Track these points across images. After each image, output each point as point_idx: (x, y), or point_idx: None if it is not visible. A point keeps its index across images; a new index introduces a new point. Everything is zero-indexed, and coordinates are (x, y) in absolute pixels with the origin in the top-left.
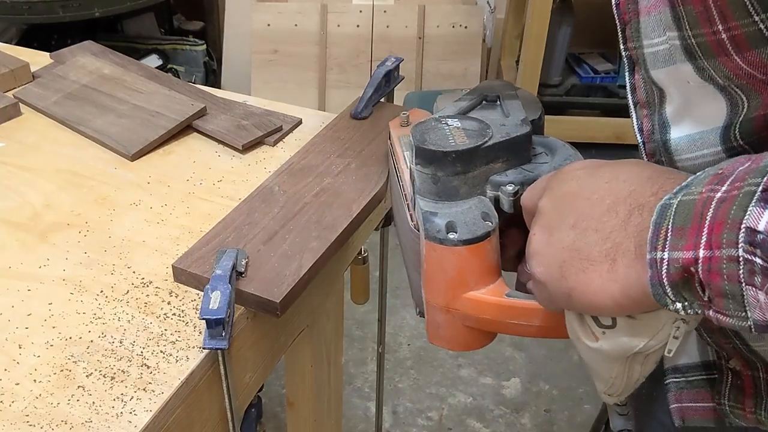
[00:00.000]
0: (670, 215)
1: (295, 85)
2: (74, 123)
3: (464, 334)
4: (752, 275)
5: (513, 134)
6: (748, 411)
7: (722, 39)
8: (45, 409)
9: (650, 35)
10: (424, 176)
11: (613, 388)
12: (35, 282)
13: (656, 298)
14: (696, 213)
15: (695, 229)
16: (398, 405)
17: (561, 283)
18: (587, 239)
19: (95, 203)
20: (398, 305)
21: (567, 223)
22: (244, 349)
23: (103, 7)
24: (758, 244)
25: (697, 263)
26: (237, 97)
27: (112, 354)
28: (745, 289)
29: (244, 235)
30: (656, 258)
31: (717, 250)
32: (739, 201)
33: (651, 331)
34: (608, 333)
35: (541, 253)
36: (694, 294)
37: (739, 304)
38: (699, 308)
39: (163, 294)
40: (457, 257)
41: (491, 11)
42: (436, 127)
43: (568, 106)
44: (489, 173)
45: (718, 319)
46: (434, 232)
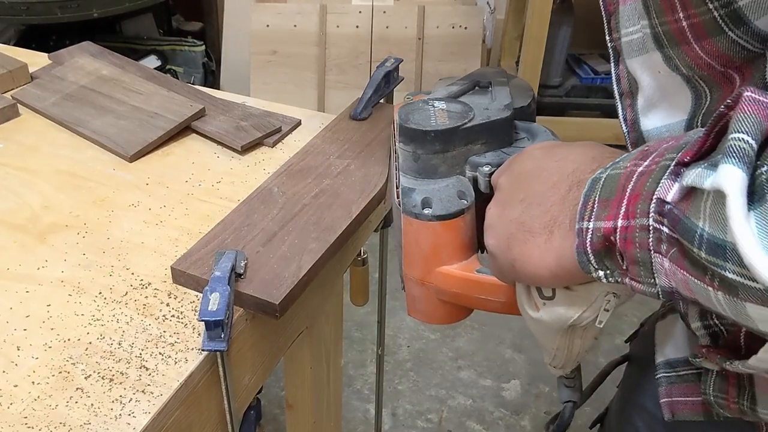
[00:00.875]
0: (598, 188)
1: (294, 86)
2: (73, 124)
3: (439, 308)
4: (659, 243)
5: (493, 117)
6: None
7: (683, 27)
8: (43, 411)
9: (626, 24)
10: (405, 153)
11: (556, 359)
12: (33, 283)
13: (581, 266)
14: (619, 186)
15: (617, 200)
16: (398, 407)
17: (507, 254)
18: (531, 213)
19: (94, 204)
20: (398, 307)
21: (517, 197)
22: (243, 351)
23: (102, 8)
24: (666, 213)
25: (616, 232)
26: (236, 98)
27: (110, 356)
28: (653, 256)
29: (243, 236)
30: (582, 228)
31: (632, 219)
32: (654, 174)
33: (585, 303)
34: (548, 304)
35: (493, 226)
36: (615, 263)
37: (648, 271)
38: (619, 276)
39: (161, 295)
40: (431, 232)
41: (491, 12)
42: (422, 108)
43: (569, 107)
44: (468, 154)
45: (632, 287)
46: (410, 207)
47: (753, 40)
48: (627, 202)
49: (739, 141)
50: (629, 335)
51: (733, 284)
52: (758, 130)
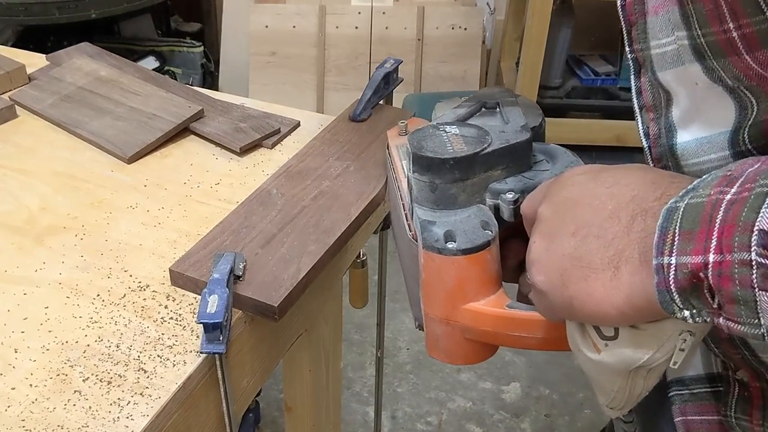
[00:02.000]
0: (677, 219)
1: (293, 87)
2: (70, 125)
3: (464, 347)
4: (766, 280)
5: (512, 141)
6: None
7: (733, 38)
8: (41, 414)
9: (657, 35)
10: (421, 184)
11: (615, 401)
12: (31, 286)
13: (663, 305)
14: (705, 216)
15: (704, 232)
16: (397, 410)
17: (562, 291)
18: (589, 246)
19: (92, 206)
20: (397, 309)
21: (567, 229)
22: (242, 354)
23: (100, 9)
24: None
25: (707, 268)
26: (235, 99)
27: (108, 358)
28: (759, 294)
29: (241, 238)
30: (663, 263)
31: (728, 254)
32: (750, 203)
33: (656, 343)
34: (611, 344)
35: (541, 261)
36: (703, 301)
37: (751, 311)
38: (708, 316)
39: (160, 298)
40: (456, 267)
41: (491, 13)
42: (433, 134)
43: (569, 108)
44: (488, 181)
45: (728, 327)
46: (432, 242)
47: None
48: (719, 234)
49: None
50: None
51: None
52: None
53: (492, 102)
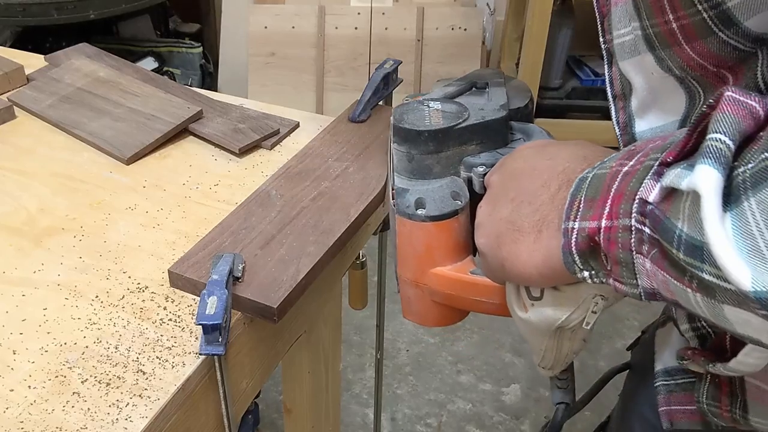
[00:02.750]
0: (585, 188)
1: (292, 88)
2: (69, 126)
3: (433, 310)
4: (641, 244)
5: (488, 118)
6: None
7: (673, 29)
8: (40, 415)
9: (617, 26)
10: (400, 154)
11: (545, 360)
12: (30, 287)
13: (566, 266)
14: (605, 185)
15: (602, 200)
16: (397, 411)
17: (496, 253)
18: (521, 211)
19: (90, 207)
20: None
21: (508, 196)
22: (241, 355)
23: (98, 9)
24: (647, 214)
25: (600, 232)
26: (234, 100)
27: (107, 360)
28: (635, 257)
29: (240, 239)
30: (568, 228)
31: (615, 219)
32: (638, 174)
33: (572, 305)
34: (536, 305)
35: (483, 224)
36: (600, 263)
37: (630, 272)
38: (604, 277)
39: (159, 299)
40: (424, 233)
41: (491, 13)
42: (417, 108)
43: (569, 109)
44: (463, 154)
45: (616, 287)
46: (404, 208)
47: (744, 40)
48: (611, 202)
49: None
50: (630, 343)
51: (710, 286)
52: (736, 131)
53: (482, 82)
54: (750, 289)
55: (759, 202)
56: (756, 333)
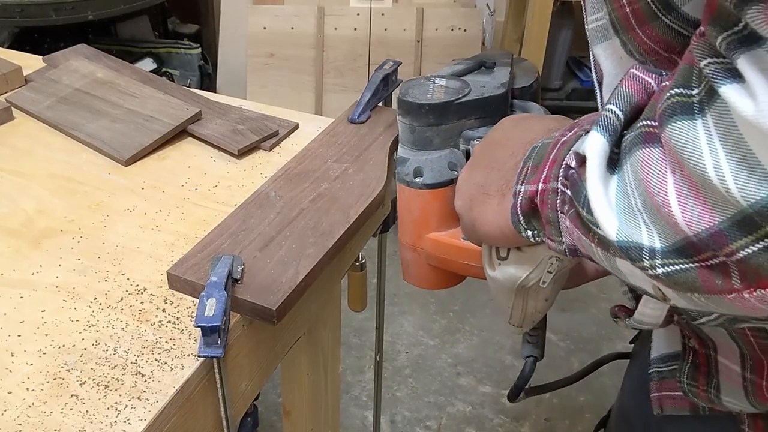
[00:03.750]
0: (534, 155)
1: (291, 89)
2: (67, 128)
3: (429, 273)
4: (563, 204)
5: (487, 94)
6: (701, 389)
7: (627, 13)
8: (38, 418)
9: (591, 11)
10: (403, 126)
11: (513, 318)
12: (28, 289)
13: (513, 225)
14: (547, 153)
15: (543, 166)
16: (396, 414)
17: (468, 214)
18: (491, 176)
19: (89, 209)
20: (396, 313)
21: (483, 163)
22: (240, 357)
23: (97, 10)
24: (569, 177)
25: (537, 195)
26: (232, 101)
27: (106, 362)
28: (559, 216)
29: (239, 241)
30: (516, 191)
31: (548, 183)
32: (571, 143)
33: (532, 264)
34: (503, 264)
35: (461, 188)
36: (540, 223)
37: (557, 230)
38: (543, 237)
39: (157, 301)
40: (421, 199)
41: (490, 14)
42: (423, 84)
43: (569, 110)
44: (462, 128)
45: (549, 245)
46: (403, 175)
47: (685, 24)
48: (548, 167)
49: (609, 112)
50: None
51: (603, 240)
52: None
53: (491, 62)
54: (614, 238)
55: (632, 164)
56: (641, 282)
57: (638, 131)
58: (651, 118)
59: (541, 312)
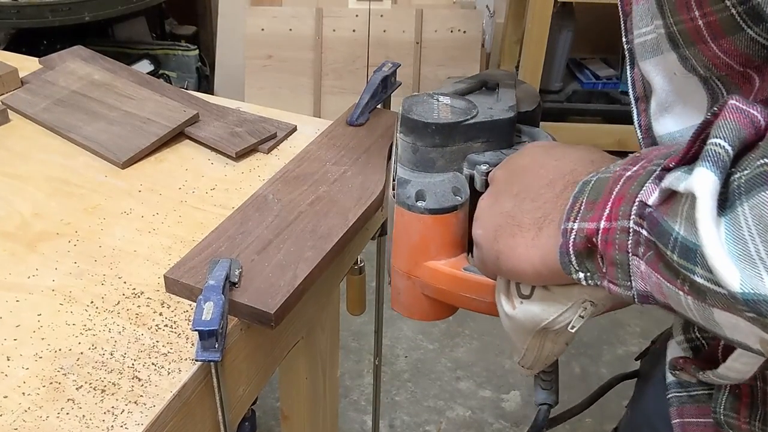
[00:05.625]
0: (587, 190)
1: (289, 91)
2: (64, 130)
3: (422, 303)
4: (637, 246)
5: (496, 117)
6: (743, 421)
7: (699, 26)
8: (34, 422)
9: (639, 25)
10: (405, 144)
11: (525, 359)
12: (24, 293)
13: (563, 266)
14: (607, 189)
15: (603, 203)
16: (395, 418)
17: (493, 245)
18: (523, 207)
19: (85, 212)
20: (395, 316)
21: (511, 191)
22: (238, 362)
23: (94, 12)
24: (646, 216)
25: (598, 233)
26: (230, 103)
27: (102, 366)
28: (631, 258)
29: (237, 244)
30: (567, 228)
31: (614, 221)
32: (641, 178)
33: (561, 307)
34: (525, 302)
35: (483, 216)
36: (596, 265)
37: (625, 274)
38: (598, 279)
39: (154, 305)
40: (422, 225)
41: (490, 16)
42: (426, 101)
43: (569, 112)
44: (468, 151)
45: (610, 289)
46: (404, 198)
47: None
48: (611, 204)
49: (716, 146)
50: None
51: (701, 289)
52: (736, 137)
53: (493, 82)
54: (738, 290)
55: (752, 208)
56: (744, 337)
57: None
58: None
59: (557, 355)
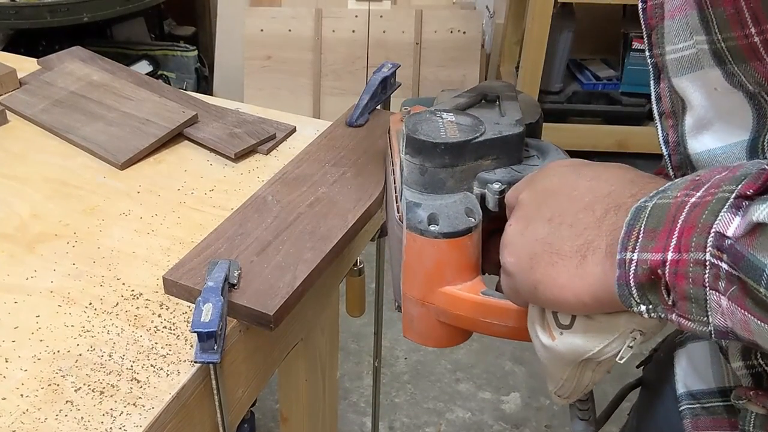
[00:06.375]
0: (644, 217)
1: (288, 92)
2: (62, 131)
3: (437, 330)
4: (717, 280)
5: (505, 133)
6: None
7: (755, 42)
8: (32, 424)
9: (673, 40)
10: (412, 166)
11: (563, 389)
12: (22, 294)
13: (621, 299)
14: (669, 216)
15: (666, 232)
16: (395, 420)
17: (529, 275)
18: (561, 234)
19: (84, 213)
20: (395, 318)
21: (544, 216)
22: (237, 363)
23: (92, 12)
24: (725, 249)
25: (665, 265)
26: (229, 104)
27: (101, 368)
28: (709, 293)
29: (236, 245)
30: (626, 258)
31: (685, 253)
32: (711, 206)
33: (607, 337)
34: (565, 333)
35: (514, 243)
36: (659, 297)
37: (701, 309)
38: (663, 312)
39: (153, 306)
40: (436, 250)
41: (490, 16)
42: (430, 119)
43: (570, 113)
44: (477, 170)
45: (680, 324)
46: (416, 223)
47: None
48: (679, 234)
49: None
50: (642, 360)
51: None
52: None
53: (492, 95)
54: None
55: None
56: None
57: None
58: None
59: (595, 383)
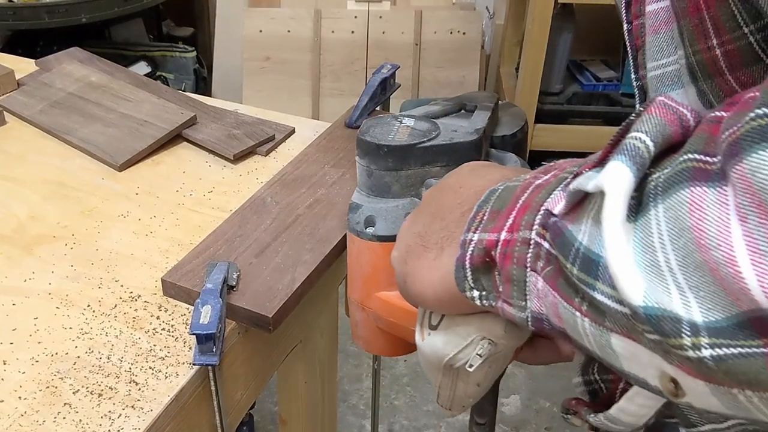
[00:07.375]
0: (493, 199)
1: (287, 93)
2: (60, 132)
3: (379, 337)
4: (537, 259)
5: (456, 140)
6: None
7: (716, 55)
8: (30, 426)
9: (656, 56)
10: (360, 168)
11: (441, 398)
12: (20, 296)
13: (457, 282)
14: (513, 197)
15: (507, 212)
16: (394, 423)
17: (402, 267)
18: (433, 226)
19: (82, 215)
20: None
21: (429, 211)
22: (236, 366)
23: (90, 13)
24: (549, 226)
25: (497, 246)
26: (228, 105)
27: (99, 370)
28: (528, 274)
29: (235, 247)
30: (467, 239)
31: (516, 232)
32: (550, 186)
33: (460, 342)
34: (432, 334)
35: (400, 237)
36: (492, 283)
37: (521, 292)
38: (494, 299)
39: (152, 308)
40: (371, 252)
41: (490, 17)
42: (388, 122)
43: (570, 114)
44: (426, 175)
45: (503, 311)
46: (354, 224)
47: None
48: (516, 213)
49: (635, 140)
50: None
51: (600, 308)
52: (659, 133)
53: (471, 105)
54: (641, 304)
55: (667, 209)
56: (641, 369)
57: (680, 167)
58: (702, 152)
59: (473, 397)
